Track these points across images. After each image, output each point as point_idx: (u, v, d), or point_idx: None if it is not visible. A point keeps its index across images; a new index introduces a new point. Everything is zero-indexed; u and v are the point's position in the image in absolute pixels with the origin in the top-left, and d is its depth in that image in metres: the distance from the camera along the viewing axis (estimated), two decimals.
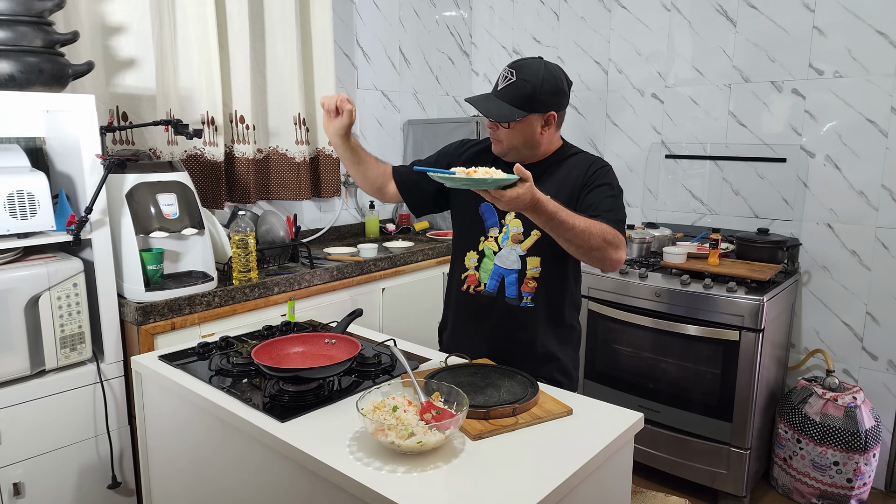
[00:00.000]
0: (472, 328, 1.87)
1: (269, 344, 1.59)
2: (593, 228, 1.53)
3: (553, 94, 1.68)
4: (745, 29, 3.05)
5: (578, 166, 1.76)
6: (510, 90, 1.65)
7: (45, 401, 1.95)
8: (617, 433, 1.34)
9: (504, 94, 1.66)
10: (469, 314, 1.87)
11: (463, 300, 1.88)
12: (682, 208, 3.37)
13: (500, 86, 1.68)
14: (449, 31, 3.99)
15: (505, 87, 1.66)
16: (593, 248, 1.55)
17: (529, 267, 1.76)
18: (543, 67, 1.67)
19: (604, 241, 1.55)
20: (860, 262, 2.86)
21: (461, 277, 1.88)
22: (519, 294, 1.78)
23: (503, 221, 1.79)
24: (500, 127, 1.70)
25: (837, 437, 2.61)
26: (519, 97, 1.65)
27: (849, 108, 2.81)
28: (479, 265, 1.83)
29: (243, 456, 1.44)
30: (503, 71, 1.69)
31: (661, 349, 2.79)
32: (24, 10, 1.90)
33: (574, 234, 1.51)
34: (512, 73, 1.66)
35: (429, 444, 1.20)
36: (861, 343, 2.89)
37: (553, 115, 1.71)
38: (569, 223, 1.49)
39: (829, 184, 2.91)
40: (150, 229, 2.12)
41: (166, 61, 2.54)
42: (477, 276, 1.84)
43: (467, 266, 1.86)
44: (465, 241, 1.87)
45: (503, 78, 1.67)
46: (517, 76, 1.65)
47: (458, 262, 1.89)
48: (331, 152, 3.19)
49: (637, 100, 3.45)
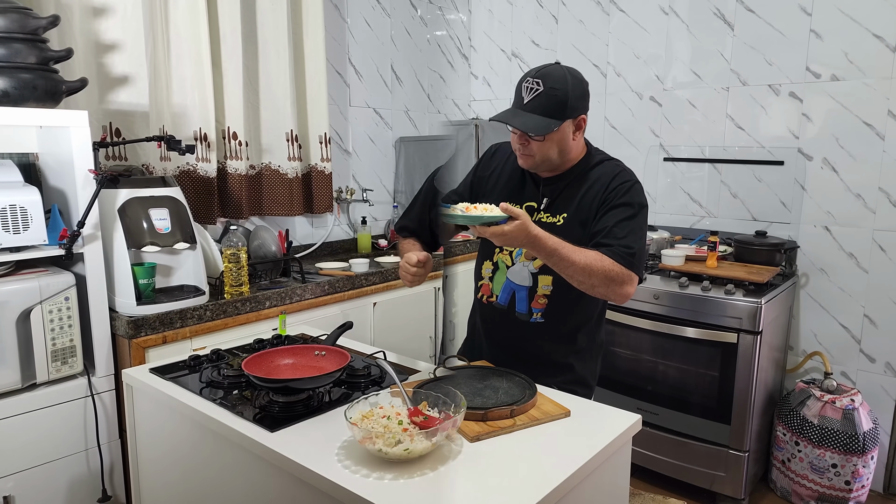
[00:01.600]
0: (487, 335, 1.88)
1: (259, 356, 1.61)
2: (595, 266, 1.51)
3: (582, 98, 1.65)
4: (743, 32, 3.09)
5: (602, 179, 1.68)
6: (541, 101, 1.59)
7: (36, 414, 1.95)
8: (615, 435, 1.36)
9: (535, 105, 1.60)
10: (485, 321, 1.88)
11: (479, 307, 1.90)
12: (680, 211, 3.40)
13: (526, 98, 1.60)
14: (440, 49, 4.05)
15: (534, 99, 1.60)
16: (595, 286, 1.54)
17: (541, 285, 1.73)
18: (568, 72, 1.63)
19: (605, 279, 1.53)
20: (857, 265, 2.88)
21: (478, 285, 1.89)
22: (529, 310, 1.76)
23: None
24: (532, 140, 1.64)
25: (835, 439, 2.62)
26: (551, 107, 1.60)
27: (846, 111, 2.85)
28: (493, 276, 1.83)
29: (233, 466, 1.45)
30: (525, 83, 1.61)
31: (660, 352, 2.80)
32: (19, 28, 1.93)
33: (574, 271, 1.51)
34: (538, 84, 1.59)
35: (415, 451, 1.21)
36: (859, 345, 2.91)
37: (584, 119, 1.67)
38: (569, 260, 1.49)
39: (826, 186, 2.93)
40: (143, 244, 2.14)
41: (160, 78, 2.57)
42: (490, 286, 1.84)
43: (483, 275, 1.86)
44: (485, 250, 1.87)
45: (528, 90, 1.60)
46: (545, 85, 1.59)
47: (478, 269, 1.90)
48: (323, 168, 3.22)
49: (635, 103, 3.48)
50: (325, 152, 3.21)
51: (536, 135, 1.62)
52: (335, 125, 3.45)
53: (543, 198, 1.74)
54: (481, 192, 1.84)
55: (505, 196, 1.78)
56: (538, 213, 1.74)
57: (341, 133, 3.52)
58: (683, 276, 2.81)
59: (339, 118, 3.49)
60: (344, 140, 3.55)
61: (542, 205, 1.74)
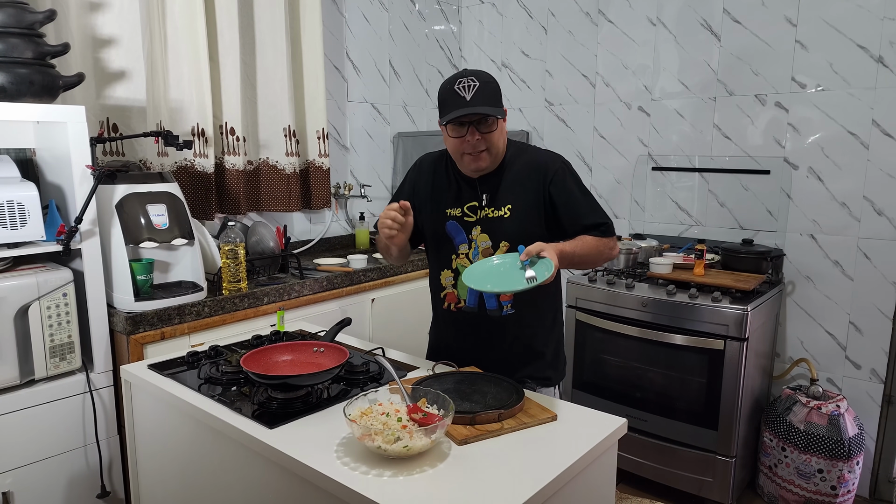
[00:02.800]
0: (462, 340, 1.89)
1: (258, 352, 1.61)
2: (593, 252, 1.71)
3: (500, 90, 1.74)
4: (729, 43, 3.11)
5: (536, 168, 1.79)
6: (484, 93, 1.66)
7: (35, 410, 1.95)
8: (600, 438, 1.36)
9: (480, 98, 1.65)
10: (458, 328, 1.90)
11: (448, 316, 1.91)
12: (668, 220, 3.42)
13: (468, 96, 1.65)
14: (439, 44, 4.04)
15: (476, 94, 1.65)
16: (598, 263, 1.78)
17: None
18: (482, 70, 1.73)
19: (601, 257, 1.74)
20: (843, 273, 2.90)
21: (441, 296, 1.91)
22: (499, 305, 1.82)
23: (471, 237, 1.82)
24: (486, 135, 1.69)
25: (821, 445, 2.63)
26: (493, 96, 1.68)
27: (831, 120, 2.87)
28: (456, 283, 1.86)
29: (232, 463, 1.45)
30: (459, 83, 1.66)
31: (648, 359, 2.82)
32: (16, 22, 1.92)
33: (584, 264, 1.74)
34: (473, 80, 1.66)
35: (415, 448, 1.22)
36: (844, 352, 2.93)
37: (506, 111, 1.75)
38: (577, 255, 1.66)
39: (812, 195, 2.96)
40: (140, 240, 2.13)
41: (157, 73, 2.56)
42: (455, 293, 1.87)
43: (444, 284, 1.88)
44: (439, 261, 1.89)
45: (467, 87, 1.66)
46: (480, 80, 1.66)
47: (436, 280, 1.92)
48: (321, 164, 3.21)
49: (624, 113, 3.50)
50: (322, 148, 3.20)
51: (500, 117, 1.69)
52: (333, 120, 3.45)
53: (483, 194, 1.81)
54: (421, 206, 1.89)
55: (445, 203, 1.84)
56: (483, 210, 1.80)
57: (339, 128, 3.52)
58: (671, 283, 2.83)
59: (337, 113, 3.49)
60: (342, 135, 3.54)
61: (483, 202, 1.80)
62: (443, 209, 1.84)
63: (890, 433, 2.84)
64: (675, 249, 3.25)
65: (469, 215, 1.81)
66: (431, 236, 1.90)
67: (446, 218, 1.83)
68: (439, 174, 1.88)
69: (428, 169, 1.92)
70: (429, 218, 1.87)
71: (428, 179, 1.90)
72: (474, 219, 1.81)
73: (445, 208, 1.84)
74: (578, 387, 3.06)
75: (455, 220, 1.83)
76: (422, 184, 1.90)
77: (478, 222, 1.81)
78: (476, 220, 1.81)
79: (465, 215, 1.82)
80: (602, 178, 3.61)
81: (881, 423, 2.86)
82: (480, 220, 1.80)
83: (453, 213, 1.83)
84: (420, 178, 1.92)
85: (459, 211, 1.82)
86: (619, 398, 2.92)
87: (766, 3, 2.97)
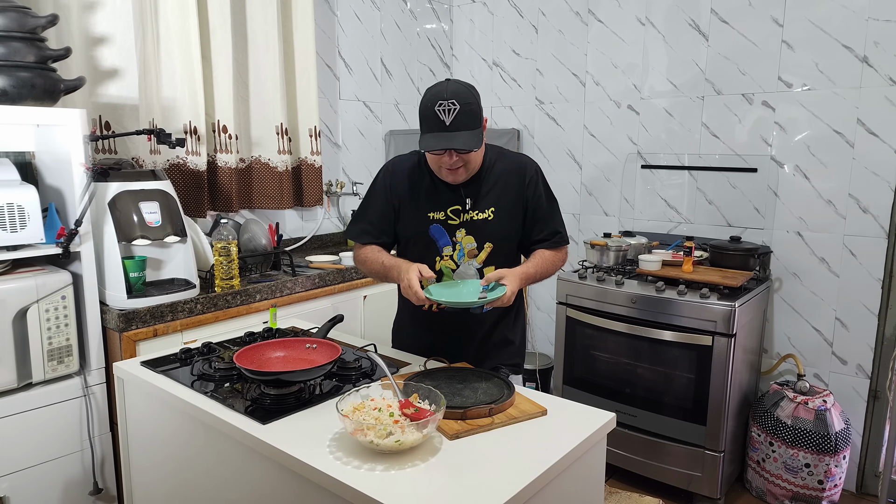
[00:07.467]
0: (442, 337, 1.93)
1: (250, 349, 1.62)
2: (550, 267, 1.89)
3: (480, 104, 1.76)
4: (717, 43, 3.14)
5: (514, 171, 1.88)
6: (463, 118, 1.67)
7: (32, 414, 1.95)
8: (589, 432, 1.39)
9: (459, 123, 1.67)
10: (439, 327, 1.93)
11: (428, 317, 1.92)
12: (657, 217, 3.45)
13: (447, 120, 1.66)
14: (430, 43, 4.05)
15: (455, 118, 1.66)
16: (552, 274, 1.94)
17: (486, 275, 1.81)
18: (465, 86, 1.72)
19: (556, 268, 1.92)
20: (829, 269, 2.94)
21: None
22: None
23: (455, 239, 1.85)
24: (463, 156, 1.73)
25: (808, 439, 2.67)
26: (471, 120, 1.69)
27: (816, 119, 2.90)
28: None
29: (225, 458, 1.47)
30: (440, 106, 1.67)
31: (637, 354, 2.85)
32: (18, 27, 1.93)
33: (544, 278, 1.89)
34: (454, 104, 1.66)
35: (407, 442, 1.23)
36: (831, 348, 2.97)
37: (486, 120, 1.79)
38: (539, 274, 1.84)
39: (798, 193, 2.99)
40: (133, 237, 2.14)
41: (149, 71, 2.56)
42: None
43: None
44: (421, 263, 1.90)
45: (446, 111, 1.66)
46: (460, 103, 1.66)
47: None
48: (313, 162, 3.22)
49: (613, 111, 3.53)
50: (314, 145, 3.21)
51: (476, 149, 1.71)
52: (325, 118, 3.46)
53: (466, 198, 1.85)
54: (402, 212, 1.90)
55: (427, 207, 1.86)
56: (467, 213, 1.84)
57: (331, 126, 3.53)
58: (660, 280, 2.85)
59: (329, 111, 3.50)
60: (334, 133, 3.55)
61: (467, 205, 1.85)
62: (424, 212, 1.86)
63: (876, 428, 2.89)
64: (664, 246, 3.28)
65: (453, 218, 1.84)
66: (412, 239, 1.91)
67: (429, 221, 1.86)
68: (417, 178, 1.89)
69: (403, 173, 1.92)
70: (410, 222, 1.89)
71: (405, 184, 1.90)
72: (458, 221, 1.84)
73: (427, 212, 1.86)
74: (568, 382, 3.08)
75: (439, 224, 1.85)
76: (399, 188, 1.91)
77: (462, 225, 1.84)
78: (460, 222, 1.84)
79: (449, 218, 1.84)
80: (592, 176, 3.64)
81: (867, 417, 2.90)
82: (464, 222, 1.84)
83: (436, 217, 1.85)
84: (396, 182, 1.92)
85: (443, 214, 1.85)
86: (608, 394, 2.95)
87: (752, 3, 3.00)
